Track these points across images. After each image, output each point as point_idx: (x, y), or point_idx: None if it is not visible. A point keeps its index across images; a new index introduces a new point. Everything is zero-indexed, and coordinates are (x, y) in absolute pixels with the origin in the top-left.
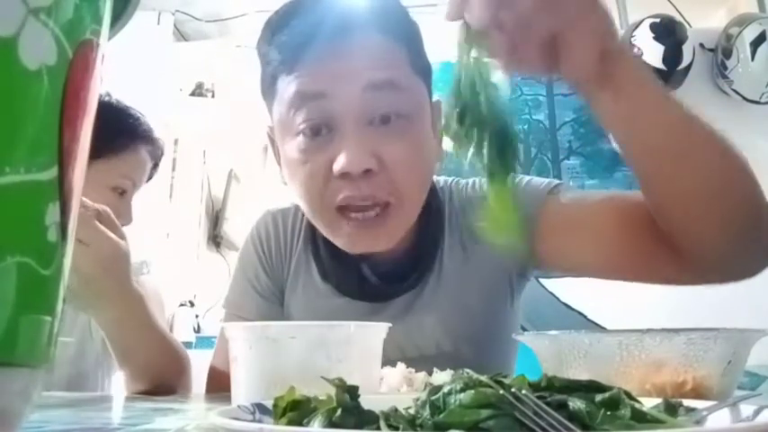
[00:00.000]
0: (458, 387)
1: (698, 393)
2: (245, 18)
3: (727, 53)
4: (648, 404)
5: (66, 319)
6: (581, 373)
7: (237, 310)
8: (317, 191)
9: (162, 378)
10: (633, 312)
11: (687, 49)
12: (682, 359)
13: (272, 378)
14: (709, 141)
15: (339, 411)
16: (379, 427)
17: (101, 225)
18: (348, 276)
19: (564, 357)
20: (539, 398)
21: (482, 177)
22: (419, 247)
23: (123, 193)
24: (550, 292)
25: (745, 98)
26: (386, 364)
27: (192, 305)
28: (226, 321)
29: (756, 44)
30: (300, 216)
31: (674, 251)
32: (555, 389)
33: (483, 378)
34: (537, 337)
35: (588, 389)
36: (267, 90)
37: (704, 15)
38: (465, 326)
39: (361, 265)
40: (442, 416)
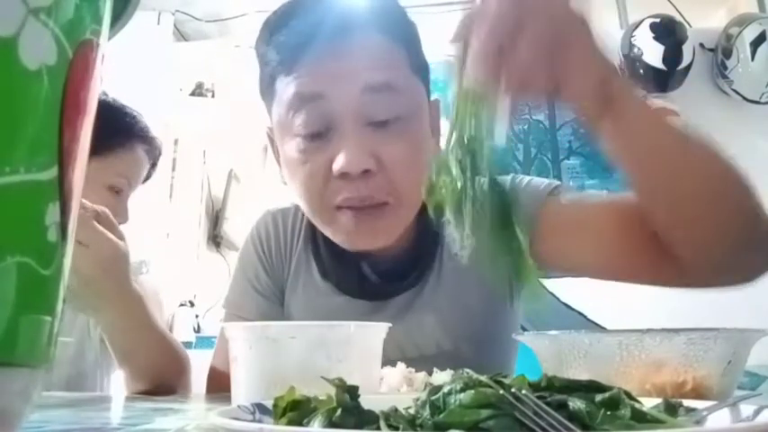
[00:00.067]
0: (458, 387)
1: (698, 393)
2: (245, 18)
3: (727, 53)
4: (648, 404)
5: (65, 320)
6: (581, 373)
7: (238, 310)
8: (316, 191)
9: (162, 378)
10: (633, 312)
11: (687, 49)
12: (682, 359)
13: (272, 378)
14: (707, 160)
15: (339, 411)
16: (379, 427)
17: (100, 226)
18: (348, 275)
19: (564, 357)
20: (539, 398)
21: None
22: (419, 246)
23: (119, 192)
24: (550, 292)
25: (745, 98)
26: (386, 364)
27: (192, 305)
28: (226, 321)
29: (756, 44)
30: (300, 216)
31: (672, 257)
32: (555, 389)
33: (483, 378)
34: (537, 337)
35: (588, 389)
36: (266, 90)
37: (704, 15)
38: (465, 325)
39: (361, 263)
40: (442, 416)
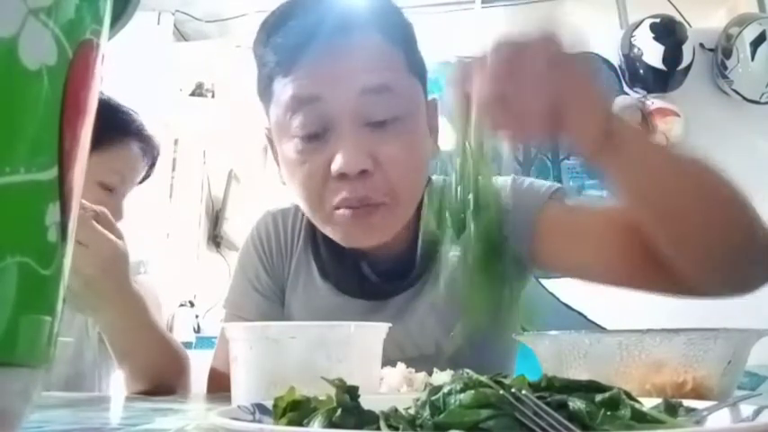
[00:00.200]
0: (458, 387)
1: (698, 393)
2: (245, 18)
3: (727, 53)
4: (648, 404)
5: (64, 319)
6: (581, 373)
7: (238, 310)
8: (315, 191)
9: (161, 378)
10: (633, 312)
11: (687, 49)
12: (682, 359)
13: (272, 378)
14: (705, 183)
15: (339, 411)
16: (379, 428)
17: (99, 226)
18: (348, 275)
19: (564, 357)
20: (539, 398)
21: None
22: (418, 245)
23: (112, 190)
24: (550, 293)
25: (745, 98)
26: (386, 364)
27: (192, 305)
28: (226, 321)
29: (756, 44)
30: (300, 216)
31: (670, 267)
32: (555, 389)
33: (483, 378)
34: (537, 337)
35: (588, 389)
36: (263, 91)
37: (704, 15)
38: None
39: (360, 263)
40: (442, 416)
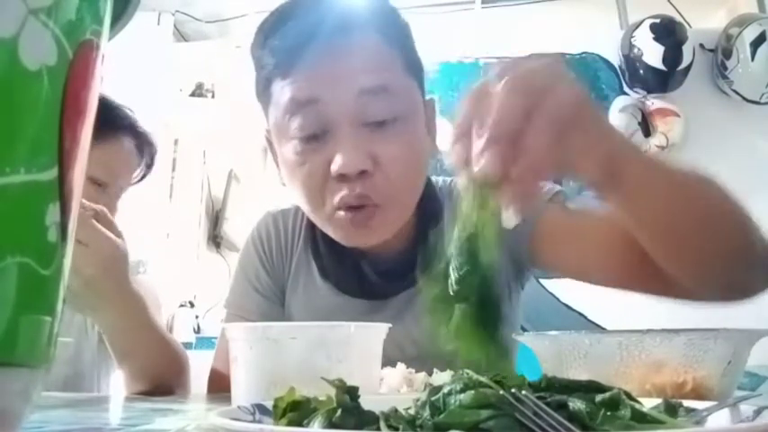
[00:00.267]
0: (458, 387)
1: (698, 394)
2: (245, 18)
3: (728, 53)
4: (648, 405)
5: (63, 319)
6: (581, 374)
7: (239, 311)
8: (315, 191)
9: (161, 378)
10: (633, 312)
11: (687, 49)
12: (682, 359)
13: (272, 378)
14: (708, 203)
15: (339, 412)
16: (378, 428)
17: (98, 224)
18: (347, 274)
19: (564, 358)
20: (539, 398)
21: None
22: (418, 245)
23: (102, 185)
24: (550, 293)
25: (745, 98)
26: (386, 364)
27: (192, 305)
28: (227, 322)
29: (756, 44)
30: (300, 217)
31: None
32: (555, 389)
33: (483, 378)
34: (537, 337)
35: (588, 389)
36: (262, 93)
37: (704, 16)
38: None
39: (360, 262)
40: (442, 416)
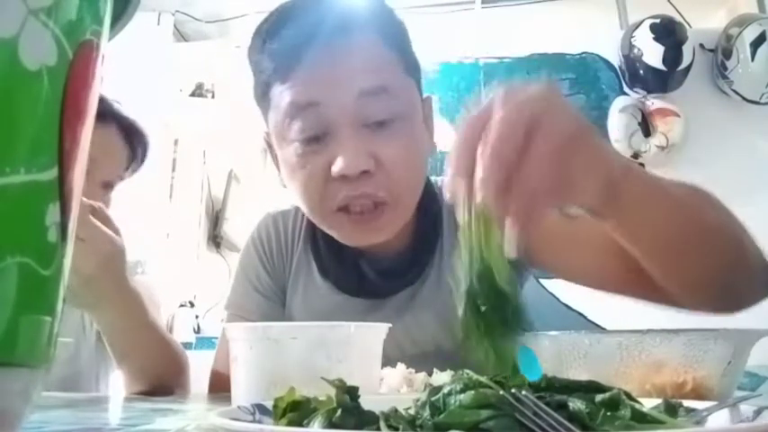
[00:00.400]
0: (458, 388)
1: (698, 394)
2: (245, 18)
3: (727, 54)
4: (648, 405)
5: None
6: (581, 374)
7: (239, 311)
8: (316, 192)
9: (160, 378)
10: (633, 313)
11: (687, 49)
12: (682, 360)
13: (272, 378)
14: (705, 222)
15: (339, 412)
16: (378, 428)
17: (96, 221)
18: (347, 273)
19: (564, 358)
20: (539, 398)
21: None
22: (418, 243)
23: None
24: (550, 293)
25: (745, 98)
26: (386, 364)
27: (192, 306)
28: (228, 322)
29: (756, 45)
30: (300, 217)
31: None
32: (555, 389)
33: (483, 379)
34: (537, 338)
35: (588, 389)
36: (261, 97)
37: (704, 16)
38: None
39: (360, 262)
40: (442, 416)
